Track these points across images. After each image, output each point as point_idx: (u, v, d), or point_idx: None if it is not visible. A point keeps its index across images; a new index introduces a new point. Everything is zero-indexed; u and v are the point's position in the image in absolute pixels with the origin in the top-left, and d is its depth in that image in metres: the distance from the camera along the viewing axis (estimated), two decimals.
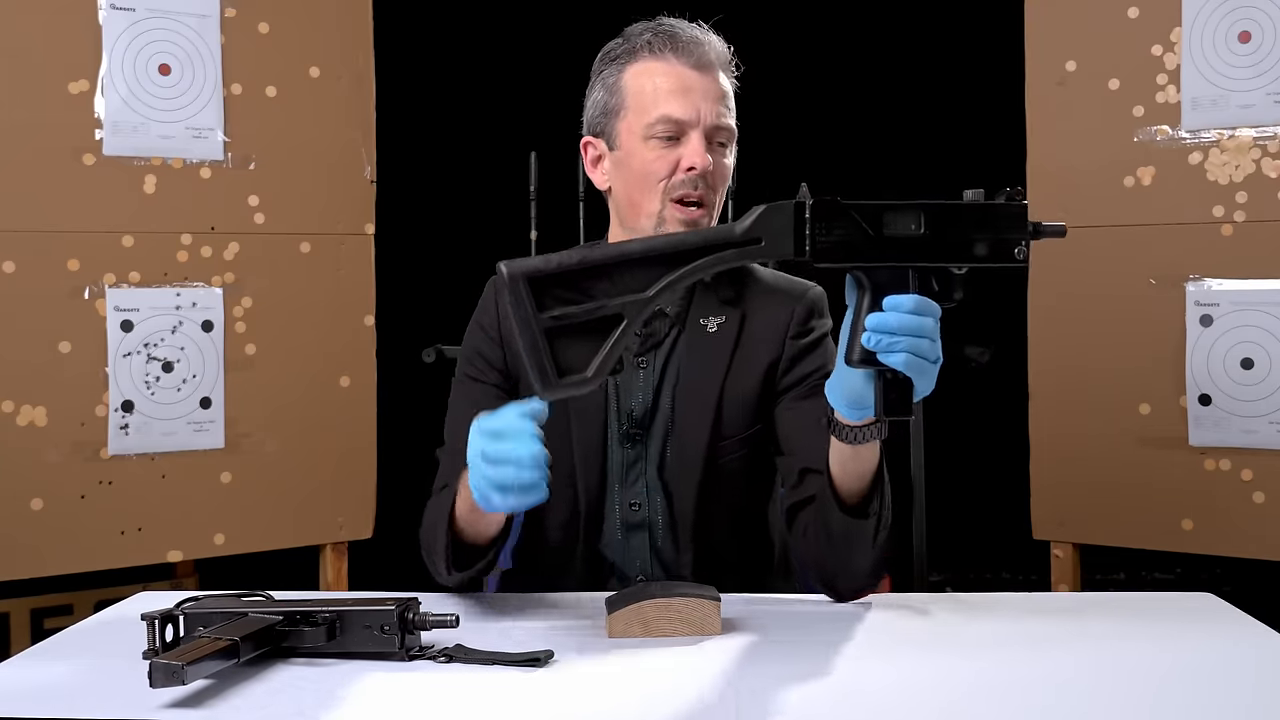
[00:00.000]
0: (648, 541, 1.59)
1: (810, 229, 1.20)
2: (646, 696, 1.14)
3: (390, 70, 2.66)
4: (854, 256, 1.21)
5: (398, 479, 2.76)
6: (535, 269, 1.16)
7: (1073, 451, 2.41)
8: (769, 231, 1.20)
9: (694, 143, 1.51)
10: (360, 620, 1.24)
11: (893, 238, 1.21)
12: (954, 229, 1.22)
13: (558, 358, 1.15)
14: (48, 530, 2.27)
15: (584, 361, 1.16)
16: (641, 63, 1.55)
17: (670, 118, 1.51)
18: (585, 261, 1.17)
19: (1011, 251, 1.23)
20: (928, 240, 1.22)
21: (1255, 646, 1.29)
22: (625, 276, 1.17)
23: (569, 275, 1.16)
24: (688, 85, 1.52)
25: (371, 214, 2.57)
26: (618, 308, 1.16)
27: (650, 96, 1.53)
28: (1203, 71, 2.31)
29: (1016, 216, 1.23)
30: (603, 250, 1.18)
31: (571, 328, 1.15)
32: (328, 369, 2.52)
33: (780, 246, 1.20)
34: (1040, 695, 1.13)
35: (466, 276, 1.74)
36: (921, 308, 1.20)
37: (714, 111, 1.53)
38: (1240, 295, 2.28)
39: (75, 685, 1.18)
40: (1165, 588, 3.12)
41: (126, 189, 2.34)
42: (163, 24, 2.37)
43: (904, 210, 1.22)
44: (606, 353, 1.16)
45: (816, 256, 1.20)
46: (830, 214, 1.21)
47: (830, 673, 1.19)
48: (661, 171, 1.52)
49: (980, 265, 1.23)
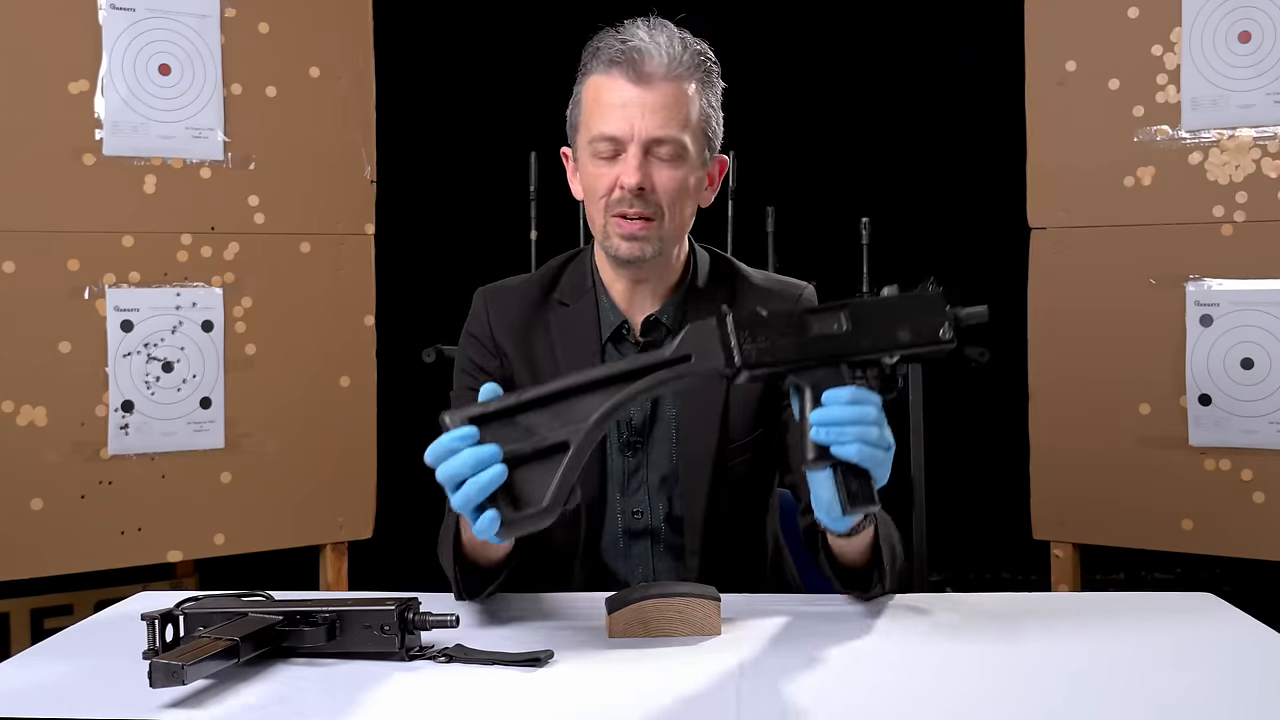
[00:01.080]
0: (650, 549, 1.59)
1: (736, 340, 1.22)
2: (646, 696, 1.14)
3: (390, 70, 2.66)
4: (783, 360, 1.23)
5: (398, 479, 2.75)
6: (477, 412, 1.17)
7: (1073, 451, 2.41)
8: (697, 349, 1.22)
9: (628, 159, 1.50)
10: (360, 620, 1.24)
11: (818, 337, 1.24)
12: (876, 322, 1.25)
13: (512, 490, 1.15)
14: (48, 530, 2.27)
15: (538, 494, 1.16)
16: (594, 76, 1.54)
17: (605, 135, 1.51)
18: (523, 401, 1.18)
19: (936, 333, 1.26)
20: (852, 335, 1.24)
21: (1255, 646, 1.29)
22: (564, 410, 1.18)
23: (508, 415, 1.17)
24: (626, 99, 1.50)
25: (371, 214, 2.57)
26: (564, 436, 1.17)
27: (595, 113, 1.52)
28: (1203, 71, 2.31)
29: (934, 302, 1.27)
30: (537, 389, 1.19)
31: (522, 458, 1.16)
32: (328, 369, 2.52)
33: (710, 361, 1.22)
34: (1040, 695, 1.13)
35: (466, 276, 1.74)
36: (859, 398, 1.22)
37: (652, 124, 1.49)
38: (1240, 295, 2.28)
39: (75, 685, 1.18)
40: (1165, 588, 3.12)
41: (126, 189, 2.34)
42: (163, 24, 2.37)
43: (825, 313, 1.25)
44: (559, 482, 1.16)
45: (747, 365, 1.22)
46: (753, 324, 1.22)
47: (830, 672, 1.19)
48: (601, 189, 1.52)
49: (909, 351, 1.26)
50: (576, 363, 1.57)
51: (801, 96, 3.42)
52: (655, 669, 1.22)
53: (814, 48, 3.47)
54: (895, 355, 1.26)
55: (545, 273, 1.67)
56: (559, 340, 1.60)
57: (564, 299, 1.62)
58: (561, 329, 1.60)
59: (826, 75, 3.44)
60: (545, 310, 1.62)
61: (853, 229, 2.91)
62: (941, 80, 3.40)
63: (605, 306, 1.61)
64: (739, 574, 1.59)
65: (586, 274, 1.63)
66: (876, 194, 3.24)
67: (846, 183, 3.35)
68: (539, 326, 1.61)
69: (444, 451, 1.16)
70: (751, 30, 3.40)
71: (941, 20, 3.42)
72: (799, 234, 3.10)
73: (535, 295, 1.63)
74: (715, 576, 1.48)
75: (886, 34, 3.47)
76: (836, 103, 3.44)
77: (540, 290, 1.64)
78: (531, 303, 1.63)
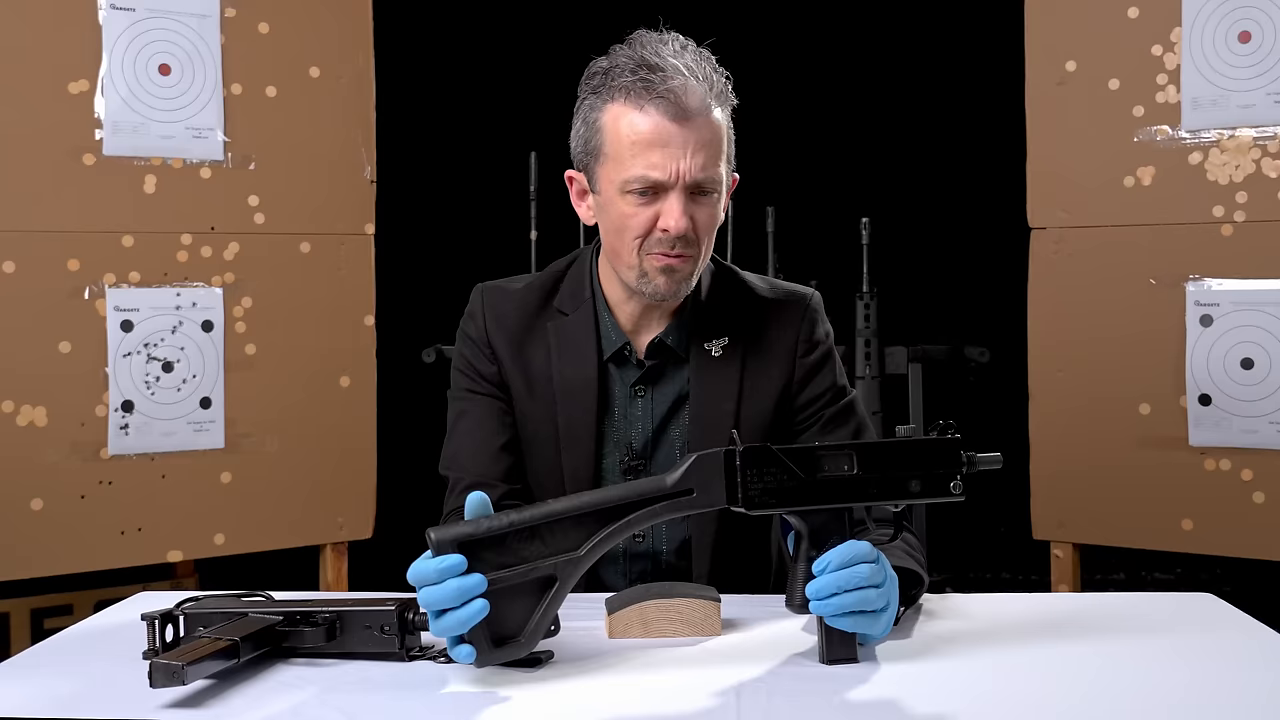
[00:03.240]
0: (651, 567, 1.58)
1: (741, 477, 1.19)
2: (646, 696, 1.14)
3: (390, 70, 2.66)
4: (787, 501, 1.20)
5: (398, 479, 2.76)
6: (465, 535, 1.15)
7: (1073, 451, 2.41)
8: (701, 482, 1.19)
9: (671, 203, 1.43)
10: (360, 620, 1.24)
11: (826, 480, 1.20)
12: (888, 468, 1.22)
13: (491, 620, 1.14)
14: (48, 530, 2.27)
15: (517, 624, 1.16)
16: (619, 105, 1.45)
17: (647, 179, 1.43)
18: (515, 524, 1.16)
19: (947, 487, 1.23)
20: (861, 480, 1.21)
21: (1255, 646, 1.29)
22: (556, 536, 1.17)
23: (500, 539, 1.16)
24: (666, 140, 1.42)
25: (371, 214, 2.56)
26: (550, 569, 1.16)
27: (628, 150, 1.44)
28: (1203, 71, 2.31)
29: (950, 451, 1.23)
30: (530, 512, 1.17)
31: (505, 590, 1.15)
32: (328, 369, 2.52)
33: (712, 497, 1.19)
34: (1040, 695, 1.13)
35: (466, 276, 1.74)
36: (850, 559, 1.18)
37: (695, 165, 1.43)
38: (1240, 295, 2.28)
39: (75, 685, 1.18)
40: (1165, 588, 3.12)
41: (126, 189, 2.34)
42: (163, 24, 2.37)
43: (836, 452, 1.21)
44: (540, 615, 1.16)
45: (749, 504, 1.19)
46: (761, 460, 1.19)
47: (829, 673, 1.19)
48: (638, 229, 1.46)
49: (916, 502, 1.23)
50: (573, 376, 1.55)
51: (801, 96, 3.42)
52: (655, 669, 1.22)
53: (814, 48, 3.47)
54: (901, 505, 1.24)
55: (546, 278, 1.63)
56: (556, 351, 1.57)
57: (563, 308, 1.59)
58: (559, 339, 1.57)
59: (826, 75, 3.44)
60: (543, 318, 1.59)
61: (853, 229, 2.91)
62: (941, 80, 3.40)
63: (607, 325, 1.57)
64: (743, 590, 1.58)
65: (585, 283, 1.59)
66: (876, 194, 3.24)
67: (846, 183, 3.35)
68: (537, 334, 1.58)
69: (428, 575, 1.15)
70: (751, 30, 3.40)
71: (941, 20, 3.41)
72: (799, 234, 3.10)
73: (534, 302, 1.60)
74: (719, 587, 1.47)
75: (886, 34, 3.47)
76: (836, 103, 3.44)
77: (540, 297, 1.60)
78: (530, 310, 1.60)
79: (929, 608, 1.43)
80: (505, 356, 1.58)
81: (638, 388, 1.57)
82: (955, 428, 1.23)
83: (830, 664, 1.21)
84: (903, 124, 3.43)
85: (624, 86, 1.44)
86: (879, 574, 1.19)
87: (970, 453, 1.24)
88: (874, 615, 1.20)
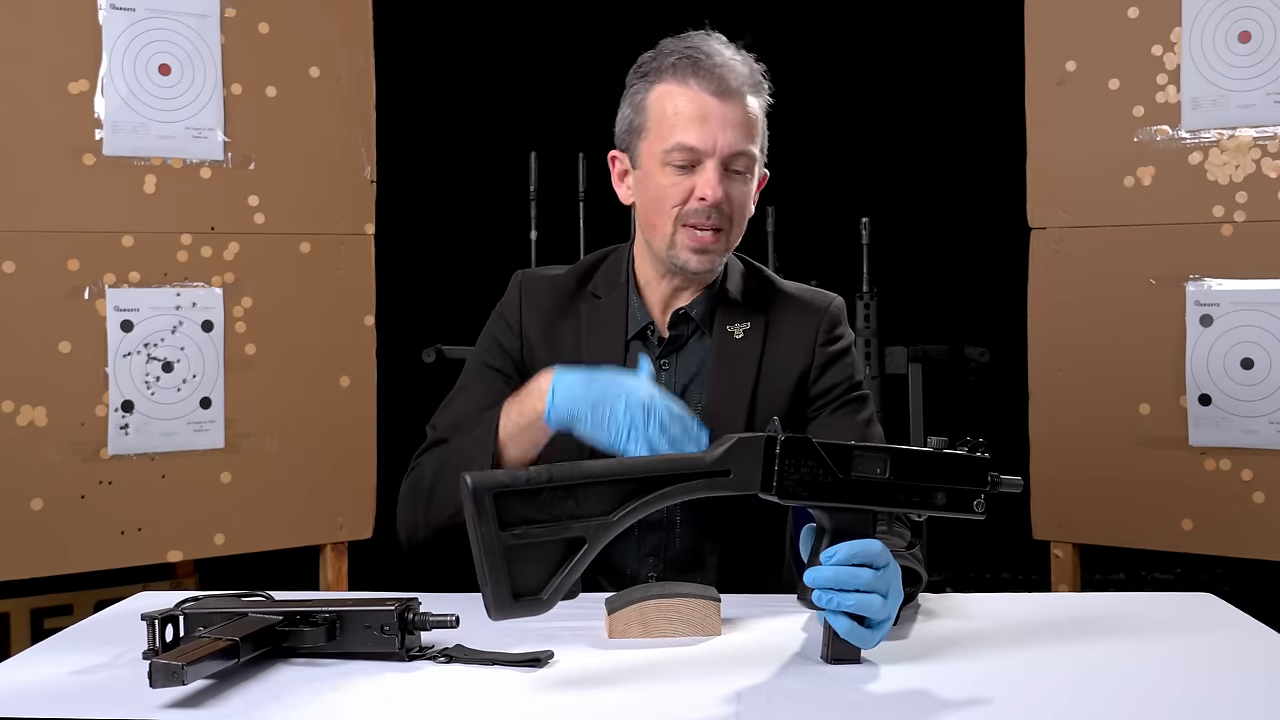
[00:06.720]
0: (664, 541, 1.59)
1: (779, 465, 1.20)
2: (646, 696, 1.14)
3: (390, 70, 2.65)
4: (819, 496, 1.22)
5: (398, 479, 2.75)
6: (503, 484, 1.15)
7: (1072, 451, 2.41)
8: (738, 465, 1.20)
9: (708, 173, 1.52)
10: (360, 620, 1.24)
11: (858, 480, 1.22)
12: (917, 476, 1.24)
13: (513, 576, 1.14)
14: (48, 530, 2.26)
15: (539, 581, 1.16)
16: (665, 84, 1.55)
17: (686, 145, 1.52)
18: (554, 480, 1.17)
19: (971, 504, 1.25)
20: (891, 486, 1.23)
21: (1255, 646, 1.29)
22: (591, 497, 1.18)
23: (535, 492, 1.16)
24: (706, 113, 1.52)
25: (371, 214, 2.56)
26: (581, 530, 1.17)
27: (669, 122, 1.53)
28: (1203, 71, 2.31)
29: (978, 469, 1.25)
30: (570, 469, 1.18)
31: (532, 545, 1.15)
32: (328, 369, 2.52)
33: (748, 481, 1.21)
34: (1040, 695, 1.14)
35: (466, 276, 1.75)
36: (856, 557, 1.18)
37: (732, 140, 1.53)
38: (1240, 295, 2.28)
39: (75, 685, 1.18)
40: (1165, 588, 3.12)
41: (126, 189, 2.34)
42: (163, 24, 2.37)
43: (871, 453, 1.23)
44: (564, 576, 1.16)
45: (783, 494, 1.21)
46: (800, 452, 1.21)
47: (830, 673, 1.20)
48: (675, 198, 1.54)
49: (939, 514, 1.25)
50: (600, 352, 1.60)
51: (801, 96, 3.41)
52: (655, 669, 1.22)
53: (814, 48, 3.47)
54: (924, 515, 1.26)
55: (582, 266, 1.70)
56: (587, 329, 1.63)
57: (597, 291, 1.66)
58: (591, 319, 1.64)
59: (827, 75, 3.44)
60: (578, 301, 1.65)
61: (853, 229, 2.92)
62: (941, 80, 3.40)
63: (634, 305, 1.64)
64: (756, 567, 1.61)
65: (622, 268, 1.66)
66: (876, 194, 3.24)
67: (846, 183, 3.35)
68: (570, 315, 1.64)
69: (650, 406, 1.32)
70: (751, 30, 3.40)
71: (942, 20, 3.42)
72: (799, 234, 3.10)
73: (570, 286, 1.67)
74: (732, 566, 1.49)
75: (886, 34, 3.47)
76: (836, 103, 3.44)
77: (575, 281, 1.67)
78: (565, 294, 1.66)
79: (929, 607, 1.43)
80: (536, 337, 1.64)
81: (662, 362, 1.62)
82: (985, 446, 1.25)
83: (833, 663, 1.21)
84: (902, 124, 3.43)
85: (671, 66, 1.55)
86: (881, 582, 1.19)
87: (995, 474, 1.26)
88: (871, 626, 1.20)
